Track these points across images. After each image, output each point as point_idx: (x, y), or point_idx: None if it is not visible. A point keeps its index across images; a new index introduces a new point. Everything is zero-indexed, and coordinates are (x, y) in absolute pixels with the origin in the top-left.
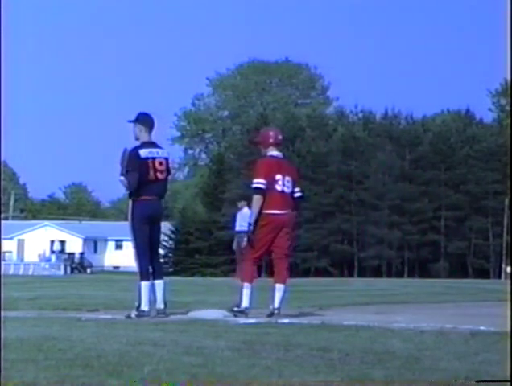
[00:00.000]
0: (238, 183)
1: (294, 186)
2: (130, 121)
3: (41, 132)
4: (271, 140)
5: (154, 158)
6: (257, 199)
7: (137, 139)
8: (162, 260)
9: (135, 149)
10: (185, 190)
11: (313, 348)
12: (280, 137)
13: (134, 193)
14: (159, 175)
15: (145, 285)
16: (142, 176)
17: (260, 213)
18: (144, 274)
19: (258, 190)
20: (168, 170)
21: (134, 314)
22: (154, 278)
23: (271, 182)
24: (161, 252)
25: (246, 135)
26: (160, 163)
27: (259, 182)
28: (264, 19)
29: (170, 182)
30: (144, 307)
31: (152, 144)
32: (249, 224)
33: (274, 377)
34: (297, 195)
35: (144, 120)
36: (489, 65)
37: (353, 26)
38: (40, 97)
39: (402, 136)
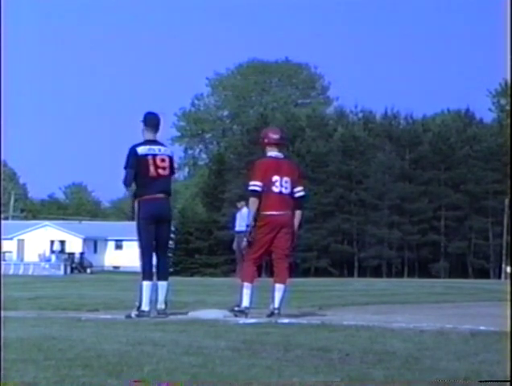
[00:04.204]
0: (238, 183)
1: (293, 186)
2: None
3: (41, 132)
4: (266, 140)
5: (154, 155)
6: (252, 202)
7: None
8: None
9: (133, 147)
10: (185, 190)
11: (313, 348)
12: (276, 136)
13: (138, 192)
14: (161, 172)
15: (146, 284)
16: (142, 173)
17: (258, 214)
18: (146, 274)
19: (253, 193)
20: (172, 168)
21: (134, 313)
22: (159, 279)
23: (268, 183)
24: None
25: (246, 135)
26: (162, 160)
27: (255, 185)
28: (264, 19)
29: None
30: (144, 307)
31: (154, 142)
32: (247, 226)
33: (274, 377)
34: (299, 194)
35: (146, 119)
36: (489, 65)
37: (353, 26)
38: (40, 97)
39: (402, 136)
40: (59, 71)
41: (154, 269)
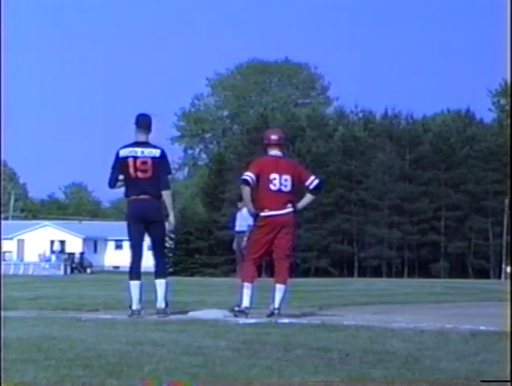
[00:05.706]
0: (238, 183)
1: (300, 180)
2: None
3: (41, 132)
4: (265, 141)
5: (135, 158)
6: (242, 188)
7: None
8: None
9: (118, 149)
10: (185, 190)
11: (313, 348)
12: (275, 137)
13: (125, 192)
14: (140, 174)
15: (133, 284)
16: (124, 174)
17: (258, 214)
18: (131, 273)
19: (243, 182)
20: (160, 169)
21: (127, 313)
22: (156, 277)
23: (265, 182)
24: None
25: (246, 135)
26: (143, 163)
27: (246, 175)
28: (264, 19)
29: (170, 181)
30: (133, 306)
31: (139, 144)
32: (252, 215)
33: (274, 377)
34: (313, 185)
35: (137, 120)
36: (489, 65)
37: (353, 26)
38: (40, 97)
39: (402, 136)
40: (59, 70)
41: (152, 269)
